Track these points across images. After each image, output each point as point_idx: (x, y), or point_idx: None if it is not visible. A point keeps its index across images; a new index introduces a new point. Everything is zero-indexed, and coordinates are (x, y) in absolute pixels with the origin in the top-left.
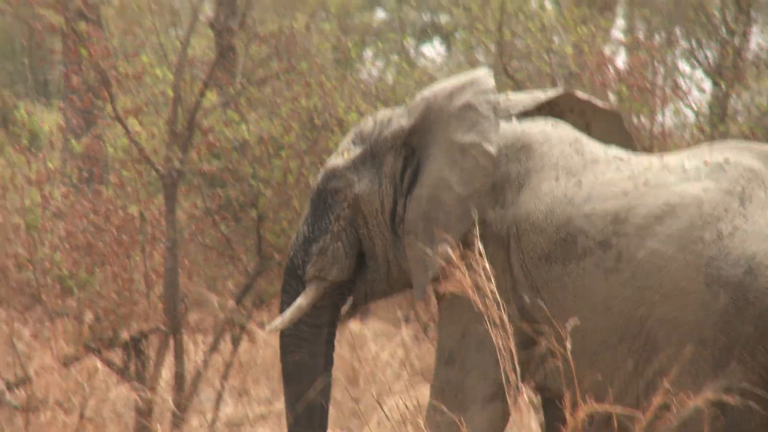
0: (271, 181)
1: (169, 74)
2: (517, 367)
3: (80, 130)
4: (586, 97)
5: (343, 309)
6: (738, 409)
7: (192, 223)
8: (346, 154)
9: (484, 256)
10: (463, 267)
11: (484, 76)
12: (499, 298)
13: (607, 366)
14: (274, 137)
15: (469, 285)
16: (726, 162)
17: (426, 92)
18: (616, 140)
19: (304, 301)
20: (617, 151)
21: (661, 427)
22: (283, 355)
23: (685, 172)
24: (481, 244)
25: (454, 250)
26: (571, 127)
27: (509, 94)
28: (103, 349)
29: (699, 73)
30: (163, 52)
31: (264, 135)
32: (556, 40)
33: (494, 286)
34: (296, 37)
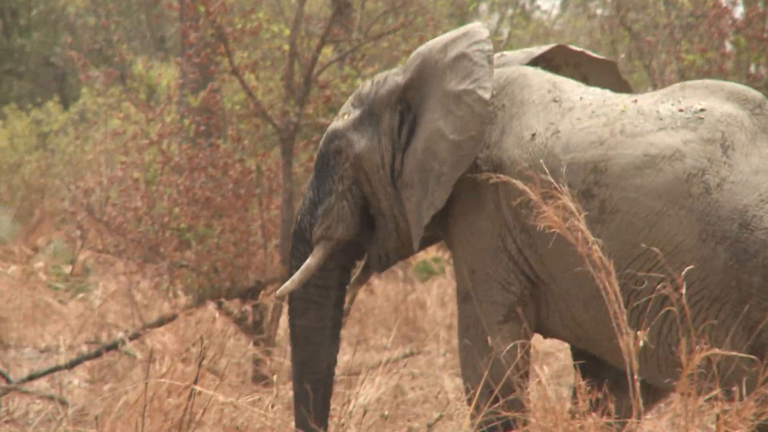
0: None
1: (286, 29)
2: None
3: (197, 85)
4: (580, 50)
5: (355, 274)
6: None
7: (308, 176)
8: (345, 117)
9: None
10: (551, 204)
11: (478, 27)
12: (500, 233)
13: (599, 313)
14: None
15: (561, 223)
16: (702, 108)
17: (421, 47)
18: (614, 89)
19: (312, 261)
20: (593, 93)
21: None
22: (292, 318)
23: (661, 119)
24: (475, 184)
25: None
26: (550, 73)
27: (504, 53)
28: (221, 300)
29: None
30: (280, 8)
31: None
32: None
33: (585, 226)
34: None
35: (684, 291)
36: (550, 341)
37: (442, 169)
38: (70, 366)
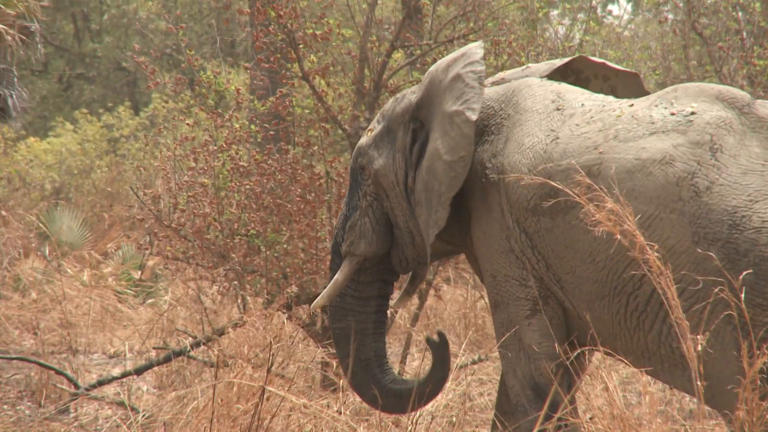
0: None
1: (356, 34)
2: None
3: (266, 91)
4: (601, 61)
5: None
6: None
7: None
8: (369, 133)
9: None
10: (602, 208)
11: (475, 48)
12: (507, 236)
13: (603, 314)
14: None
15: (614, 227)
16: (692, 112)
17: (432, 66)
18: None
19: (339, 276)
20: (594, 100)
21: None
22: (331, 321)
23: (653, 123)
24: (479, 189)
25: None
26: (557, 82)
27: (529, 65)
28: (290, 306)
29: None
30: (350, 13)
31: None
32: None
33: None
34: None
35: (743, 296)
36: None
37: (441, 189)
38: (139, 372)
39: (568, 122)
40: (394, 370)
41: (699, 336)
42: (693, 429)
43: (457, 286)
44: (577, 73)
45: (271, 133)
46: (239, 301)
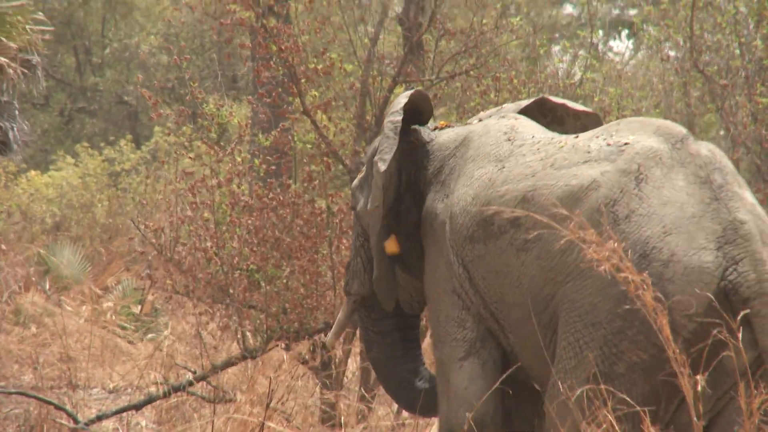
0: None
1: (358, 69)
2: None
3: (268, 125)
4: (561, 101)
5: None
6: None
7: None
8: (360, 175)
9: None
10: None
11: (400, 98)
12: (452, 275)
13: (527, 339)
14: None
15: (611, 264)
16: (626, 143)
17: None
18: None
19: (341, 315)
20: (548, 135)
21: None
22: (366, 351)
23: (589, 153)
24: (431, 231)
25: None
26: (514, 118)
27: (504, 105)
28: (289, 342)
29: None
30: (352, 48)
31: None
32: (746, 34)
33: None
34: (485, 33)
35: (740, 336)
36: None
37: (372, 238)
38: (139, 407)
39: (516, 152)
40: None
41: (699, 376)
42: None
43: None
44: (552, 112)
45: (272, 167)
46: (239, 337)
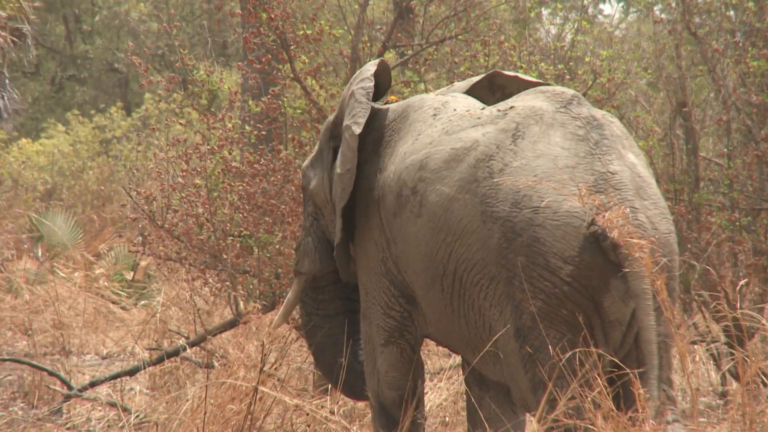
0: None
1: (347, 34)
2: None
3: (258, 91)
4: (513, 75)
5: None
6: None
7: None
8: (311, 154)
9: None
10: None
11: (368, 66)
12: (382, 258)
13: (433, 305)
14: None
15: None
16: (512, 106)
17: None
18: None
19: (290, 295)
20: (466, 106)
21: None
22: (306, 339)
23: (479, 119)
24: (365, 206)
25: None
26: (451, 95)
27: (454, 83)
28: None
29: None
30: (342, 14)
31: None
32: None
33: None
34: None
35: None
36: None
37: (336, 200)
38: (132, 373)
39: (433, 125)
40: None
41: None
42: (686, 428)
43: None
44: (502, 88)
45: (263, 133)
46: (232, 302)
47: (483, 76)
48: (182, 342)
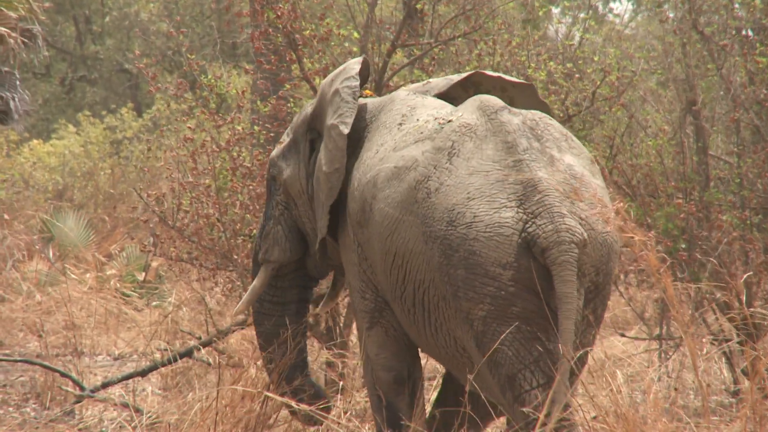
0: None
1: (356, 34)
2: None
3: (267, 92)
4: (497, 75)
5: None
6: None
7: None
8: (280, 144)
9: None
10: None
11: (352, 64)
12: (355, 249)
13: (401, 318)
14: None
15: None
16: (449, 120)
17: (326, 78)
18: (535, 110)
19: (256, 282)
20: (434, 114)
21: None
22: (255, 325)
23: (422, 133)
24: (345, 203)
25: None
26: (421, 98)
27: (429, 80)
28: None
29: None
30: (351, 14)
31: None
32: None
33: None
34: None
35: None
36: (623, 346)
37: (322, 199)
38: (144, 373)
39: (395, 136)
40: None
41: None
42: (698, 427)
43: None
44: (476, 86)
45: (271, 134)
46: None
47: (464, 76)
48: (194, 342)
